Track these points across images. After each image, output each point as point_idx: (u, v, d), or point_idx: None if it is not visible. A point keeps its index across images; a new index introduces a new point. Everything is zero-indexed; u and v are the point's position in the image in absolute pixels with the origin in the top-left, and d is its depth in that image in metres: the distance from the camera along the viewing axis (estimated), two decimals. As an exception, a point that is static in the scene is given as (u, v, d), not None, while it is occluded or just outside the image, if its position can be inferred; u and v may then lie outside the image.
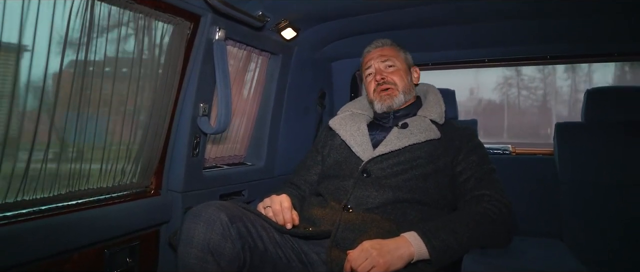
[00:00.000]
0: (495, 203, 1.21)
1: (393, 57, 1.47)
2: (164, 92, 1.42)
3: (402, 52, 1.52)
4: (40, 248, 1.11)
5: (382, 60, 1.46)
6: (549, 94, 2.47)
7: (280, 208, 1.18)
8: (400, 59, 1.48)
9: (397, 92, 1.43)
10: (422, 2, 1.58)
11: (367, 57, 1.51)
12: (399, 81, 1.44)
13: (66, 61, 1.13)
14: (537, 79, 2.53)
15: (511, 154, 2.11)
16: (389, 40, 1.53)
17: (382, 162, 1.29)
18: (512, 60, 2.29)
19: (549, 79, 2.50)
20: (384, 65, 1.46)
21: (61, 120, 1.17)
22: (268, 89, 1.98)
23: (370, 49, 1.53)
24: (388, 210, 1.22)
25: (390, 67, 1.46)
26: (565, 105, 2.46)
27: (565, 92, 2.47)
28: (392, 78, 1.44)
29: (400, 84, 1.44)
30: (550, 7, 1.58)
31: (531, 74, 2.53)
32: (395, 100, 1.43)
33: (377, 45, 1.51)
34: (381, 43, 1.51)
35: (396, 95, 1.43)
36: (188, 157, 1.54)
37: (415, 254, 1.07)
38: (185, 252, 1.01)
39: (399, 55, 1.49)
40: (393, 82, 1.44)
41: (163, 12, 1.31)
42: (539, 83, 2.54)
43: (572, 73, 2.43)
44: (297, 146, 2.15)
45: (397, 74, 1.45)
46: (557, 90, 2.43)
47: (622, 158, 1.71)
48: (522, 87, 1.84)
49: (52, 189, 1.20)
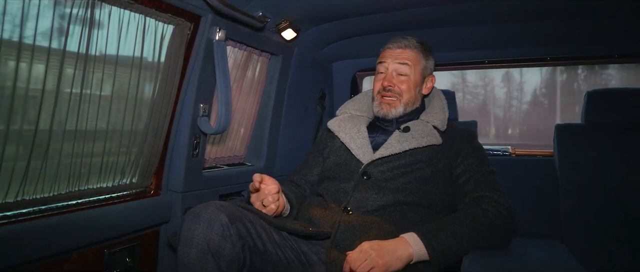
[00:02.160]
0: (495, 204, 1.21)
1: (411, 64, 1.37)
2: (164, 92, 1.42)
3: (424, 59, 1.40)
4: (40, 248, 1.11)
5: (399, 62, 1.37)
6: (489, 98, 3.17)
7: (259, 178, 1.19)
8: (419, 68, 1.38)
9: (399, 104, 1.37)
10: (423, 3, 1.58)
11: (387, 53, 1.40)
12: (406, 93, 1.37)
13: (66, 61, 1.13)
14: (479, 86, 3.17)
15: (511, 156, 2.11)
16: (416, 41, 1.40)
17: (383, 165, 1.28)
18: (512, 62, 2.29)
19: (489, 87, 3.18)
20: (398, 71, 1.37)
21: (61, 119, 1.17)
22: (268, 90, 1.98)
23: (392, 45, 1.40)
24: (388, 212, 1.22)
25: (402, 76, 1.37)
26: (501, 109, 3.18)
27: (502, 98, 3.16)
28: (400, 88, 1.37)
29: (405, 96, 1.37)
30: (550, 9, 1.58)
31: (474, 82, 3.16)
32: (393, 111, 1.37)
33: (400, 45, 1.38)
34: (405, 44, 1.38)
35: (396, 107, 1.37)
36: (188, 157, 1.54)
37: (415, 255, 1.07)
38: (184, 253, 1.01)
39: (418, 63, 1.38)
40: (399, 92, 1.37)
41: (163, 12, 1.31)
42: (480, 89, 3.19)
43: (507, 82, 3.10)
44: (297, 146, 2.15)
45: (406, 84, 1.37)
46: (495, 96, 3.15)
47: (622, 160, 1.71)
48: (467, 92, 2.01)
49: (52, 188, 1.20)
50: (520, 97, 3.09)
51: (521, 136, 3.13)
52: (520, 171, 1.94)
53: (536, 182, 1.88)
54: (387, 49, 1.41)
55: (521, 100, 3.09)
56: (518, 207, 1.38)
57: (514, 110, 2.05)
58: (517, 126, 3.17)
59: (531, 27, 1.78)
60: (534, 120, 3.09)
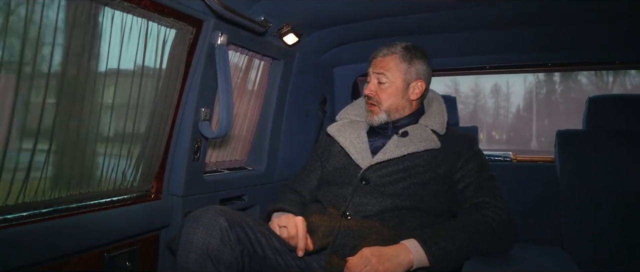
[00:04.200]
0: (495, 210, 1.21)
1: (391, 71, 1.36)
2: (165, 96, 1.43)
3: (407, 64, 1.37)
4: (40, 251, 1.11)
5: (377, 72, 1.38)
6: (479, 107, 3.79)
7: (296, 232, 1.16)
8: (399, 75, 1.36)
9: (379, 111, 1.37)
10: (424, 9, 1.58)
11: (372, 62, 1.42)
12: (385, 100, 1.37)
13: (68, 65, 1.13)
14: (470, 96, 3.80)
15: (512, 161, 2.11)
16: (401, 47, 1.39)
17: (381, 170, 1.28)
18: (513, 68, 2.30)
19: (480, 97, 3.79)
20: (378, 80, 1.38)
21: (63, 123, 1.17)
22: (269, 94, 1.99)
23: (376, 54, 1.42)
24: (387, 217, 1.22)
25: (382, 84, 1.37)
26: (491, 116, 3.78)
27: (491, 107, 3.79)
28: (379, 96, 1.37)
29: (385, 104, 1.37)
30: (551, 15, 1.58)
31: (466, 92, 3.79)
32: (376, 118, 1.38)
33: (382, 54, 1.39)
34: (384, 53, 1.39)
35: (378, 114, 1.38)
36: (189, 161, 1.54)
37: (415, 261, 1.07)
38: (183, 257, 1.01)
39: (399, 69, 1.36)
40: (378, 100, 1.37)
41: (166, 16, 1.32)
42: (472, 99, 3.81)
43: (496, 94, 3.74)
44: (298, 151, 2.15)
45: (387, 92, 1.37)
46: (483, 104, 3.80)
47: (623, 166, 1.70)
48: (459, 102, 2.34)
49: (53, 192, 1.20)
50: (507, 107, 3.73)
51: (508, 141, 3.74)
52: (522, 176, 1.94)
53: (537, 188, 1.88)
54: (372, 58, 1.43)
55: (508, 110, 3.73)
56: (519, 213, 1.38)
57: (501, 118, 2.43)
58: (504, 132, 3.77)
59: (532, 33, 1.78)
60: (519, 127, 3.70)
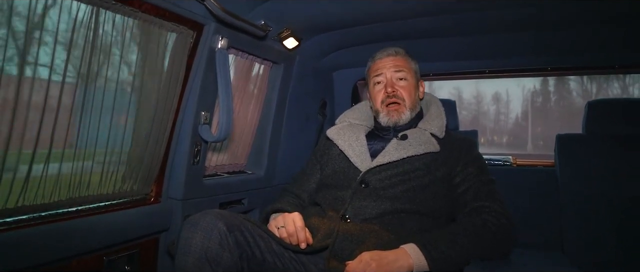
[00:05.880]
0: (495, 214, 1.20)
1: (406, 69, 1.41)
2: (165, 99, 1.43)
3: (413, 63, 1.45)
4: (40, 254, 1.11)
5: (395, 70, 1.40)
6: (481, 113, 4.61)
7: (295, 228, 1.16)
8: (412, 72, 1.42)
9: (405, 109, 1.39)
10: (423, 13, 1.59)
11: (379, 64, 1.43)
12: (408, 97, 1.40)
13: (70, 69, 1.14)
14: (472, 104, 4.57)
15: (512, 166, 2.11)
16: (402, 49, 1.45)
17: (381, 173, 1.28)
18: (513, 72, 2.30)
19: (482, 103, 4.58)
20: (397, 77, 1.40)
21: (63, 126, 1.17)
22: (269, 98, 1.99)
23: (382, 55, 1.44)
24: (386, 220, 1.21)
25: (402, 81, 1.40)
26: (491, 121, 4.59)
27: (492, 113, 4.60)
28: (402, 93, 1.39)
29: (408, 101, 1.39)
30: (551, 19, 1.59)
31: (468, 99, 4.54)
32: (403, 117, 1.39)
33: (390, 53, 1.43)
34: (394, 51, 1.43)
35: (404, 112, 1.39)
36: (189, 165, 1.54)
37: (414, 266, 1.07)
38: (182, 261, 1.01)
39: (410, 68, 1.43)
40: (402, 97, 1.39)
41: (167, 20, 1.32)
42: (474, 106, 4.61)
43: (496, 101, 4.59)
44: (297, 155, 2.15)
45: (407, 89, 1.40)
46: (486, 110, 4.56)
47: (623, 170, 1.70)
48: (462, 108, 2.46)
49: (52, 195, 1.20)
50: (506, 113, 4.35)
51: (508, 144, 4.28)
52: (522, 181, 1.93)
53: (537, 192, 1.88)
54: (377, 60, 1.45)
55: (507, 115, 4.36)
56: (519, 217, 1.38)
57: (502, 124, 2.93)
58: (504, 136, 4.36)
59: (531, 37, 1.79)
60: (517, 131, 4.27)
